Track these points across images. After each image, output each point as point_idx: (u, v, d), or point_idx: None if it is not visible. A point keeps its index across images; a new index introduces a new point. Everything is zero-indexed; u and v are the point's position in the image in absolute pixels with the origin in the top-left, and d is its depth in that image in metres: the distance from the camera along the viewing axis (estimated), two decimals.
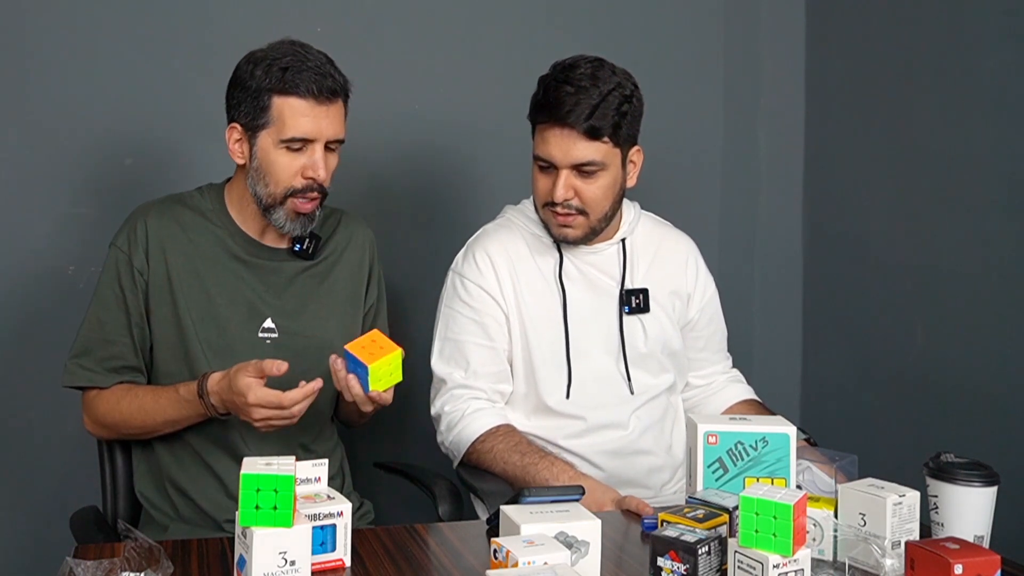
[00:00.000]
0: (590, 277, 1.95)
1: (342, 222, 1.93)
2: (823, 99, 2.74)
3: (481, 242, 1.96)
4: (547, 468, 1.76)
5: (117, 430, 1.80)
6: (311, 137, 1.72)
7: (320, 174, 1.73)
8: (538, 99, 1.86)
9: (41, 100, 2.28)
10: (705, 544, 1.29)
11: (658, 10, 2.70)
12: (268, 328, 1.80)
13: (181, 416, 1.72)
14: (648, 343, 1.95)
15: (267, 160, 1.73)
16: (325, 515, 1.35)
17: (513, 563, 1.22)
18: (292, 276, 1.83)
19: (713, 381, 2.07)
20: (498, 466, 1.80)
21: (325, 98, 1.71)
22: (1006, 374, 2.13)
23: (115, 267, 1.78)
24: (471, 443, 1.84)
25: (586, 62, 1.85)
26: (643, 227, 2.02)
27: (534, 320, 1.91)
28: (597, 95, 1.80)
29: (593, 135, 1.81)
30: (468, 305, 1.92)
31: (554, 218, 1.88)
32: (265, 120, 1.72)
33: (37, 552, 2.28)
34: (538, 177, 1.88)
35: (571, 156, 1.82)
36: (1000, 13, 2.15)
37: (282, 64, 1.70)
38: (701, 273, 2.06)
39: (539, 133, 1.86)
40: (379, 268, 1.98)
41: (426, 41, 2.51)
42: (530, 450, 1.80)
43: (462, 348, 1.91)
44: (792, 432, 1.52)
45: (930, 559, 1.24)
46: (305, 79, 1.69)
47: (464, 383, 1.90)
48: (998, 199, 2.16)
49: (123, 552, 1.34)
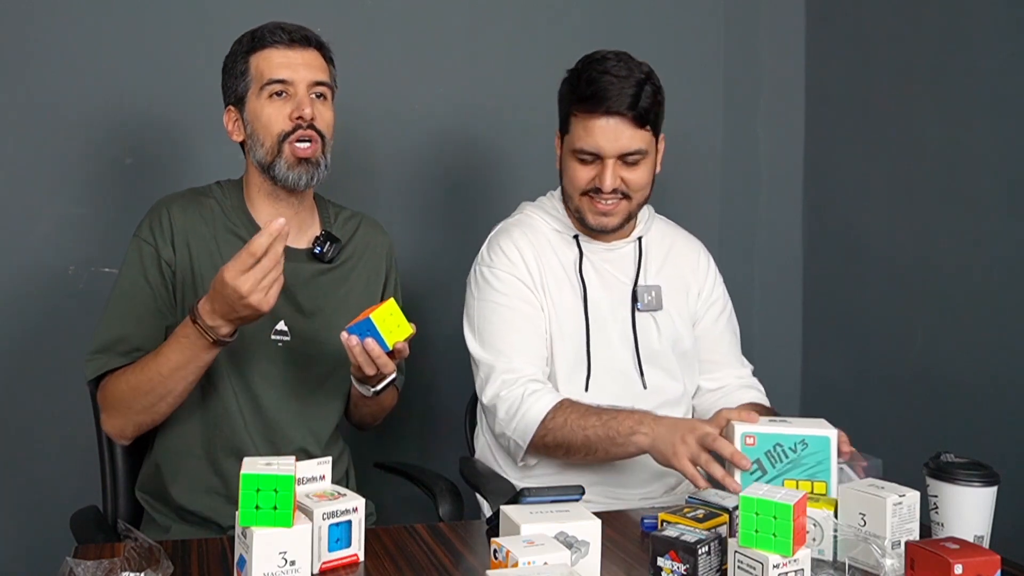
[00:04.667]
0: (605, 275, 1.96)
1: (361, 227, 1.92)
2: (823, 99, 2.74)
3: (505, 233, 1.97)
4: (628, 416, 1.73)
5: (131, 411, 1.69)
6: (288, 78, 1.72)
7: (306, 112, 1.71)
8: (579, 90, 1.84)
9: (41, 100, 2.28)
10: (705, 544, 1.29)
11: (658, 10, 2.70)
12: (280, 331, 1.78)
13: (184, 358, 1.62)
14: (661, 340, 1.95)
15: (255, 117, 1.74)
16: (341, 512, 1.36)
17: (513, 563, 1.22)
18: (308, 278, 1.81)
19: (726, 385, 2.03)
20: (578, 435, 1.76)
21: (296, 43, 1.74)
22: (1006, 374, 2.13)
23: (139, 259, 1.74)
24: (540, 423, 1.80)
25: (613, 54, 1.86)
26: (657, 227, 2.05)
27: (557, 311, 1.91)
28: (636, 83, 1.82)
29: (640, 123, 1.82)
30: (502, 293, 1.91)
31: (595, 206, 1.88)
32: (246, 82, 1.74)
33: (37, 552, 2.28)
34: (577, 168, 1.87)
35: (619, 145, 1.82)
36: (999, 13, 2.15)
37: (253, 31, 1.76)
38: (711, 273, 2.06)
39: (581, 124, 1.84)
40: (396, 275, 1.97)
41: (428, 40, 2.52)
42: (603, 410, 1.78)
43: (504, 335, 1.89)
44: (833, 435, 1.49)
45: (930, 559, 1.24)
46: (273, 31, 1.74)
47: (511, 367, 1.87)
48: (998, 199, 2.16)
49: (123, 552, 1.34)
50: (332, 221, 1.88)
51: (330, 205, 1.91)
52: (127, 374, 1.68)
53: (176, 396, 1.67)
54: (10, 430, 2.29)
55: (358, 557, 1.39)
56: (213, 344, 1.60)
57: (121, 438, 1.76)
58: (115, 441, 1.79)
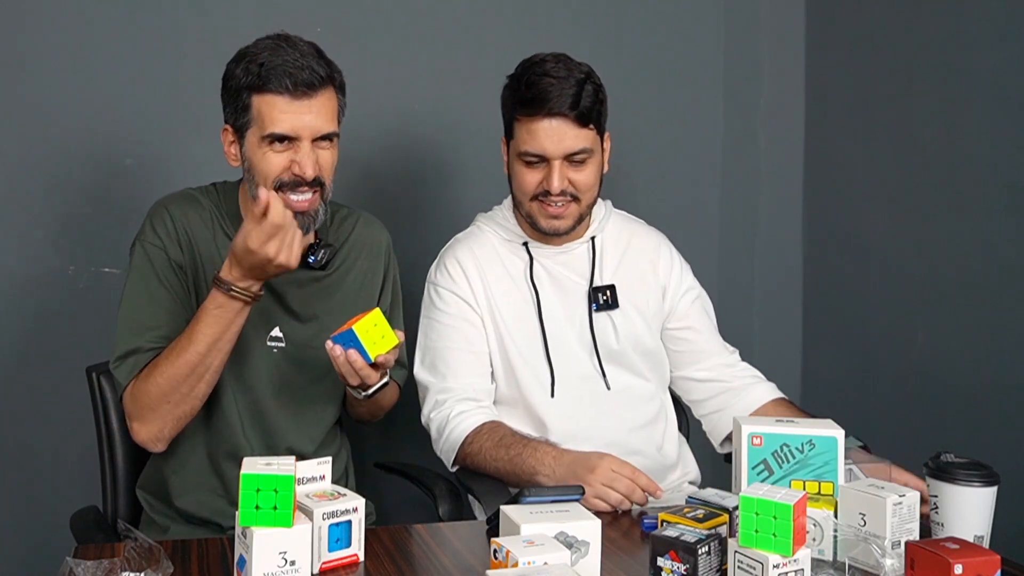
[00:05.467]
0: (559, 278, 1.96)
1: (358, 225, 1.90)
2: (823, 99, 2.74)
3: (451, 250, 1.99)
4: (531, 455, 1.74)
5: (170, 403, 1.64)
6: (291, 134, 1.65)
7: (307, 172, 1.65)
8: (520, 94, 1.85)
9: (41, 100, 2.28)
10: (705, 544, 1.29)
11: (658, 10, 2.70)
12: (276, 337, 1.78)
13: (221, 327, 1.61)
14: (620, 340, 1.95)
15: (253, 159, 1.68)
16: (341, 512, 1.36)
17: (513, 563, 1.22)
18: (303, 283, 1.80)
19: (722, 375, 2.00)
20: (489, 466, 1.79)
21: (302, 92, 1.64)
22: (1006, 374, 2.13)
23: (149, 262, 1.71)
24: (459, 446, 1.84)
25: (552, 56, 1.87)
26: (613, 225, 2.03)
27: (508, 323, 1.92)
28: (576, 83, 1.83)
29: (583, 122, 1.83)
30: (444, 312, 1.94)
31: (545, 210, 1.88)
32: (247, 119, 1.67)
33: (37, 552, 2.28)
34: (523, 172, 1.88)
35: (563, 146, 1.83)
36: (999, 13, 2.15)
37: (259, 60, 1.65)
38: (675, 263, 2.04)
39: (524, 128, 1.85)
40: (395, 272, 1.95)
41: (427, 41, 2.52)
42: (514, 441, 1.79)
43: (442, 354, 1.92)
44: (840, 435, 1.49)
45: (930, 559, 1.24)
46: (278, 74, 1.63)
47: (446, 387, 1.90)
48: (998, 199, 2.16)
49: (123, 552, 1.34)
50: (328, 222, 1.85)
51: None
52: (160, 366, 1.64)
53: (214, 373, 1.66)
54: (10, 430, 2.29)
55: (358, 557, 1.39)
56: (248, 303, 1.62)
57: (158, 442, 1.70)
58: (151, 449, 1.72)
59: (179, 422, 1.69)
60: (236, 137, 1.72)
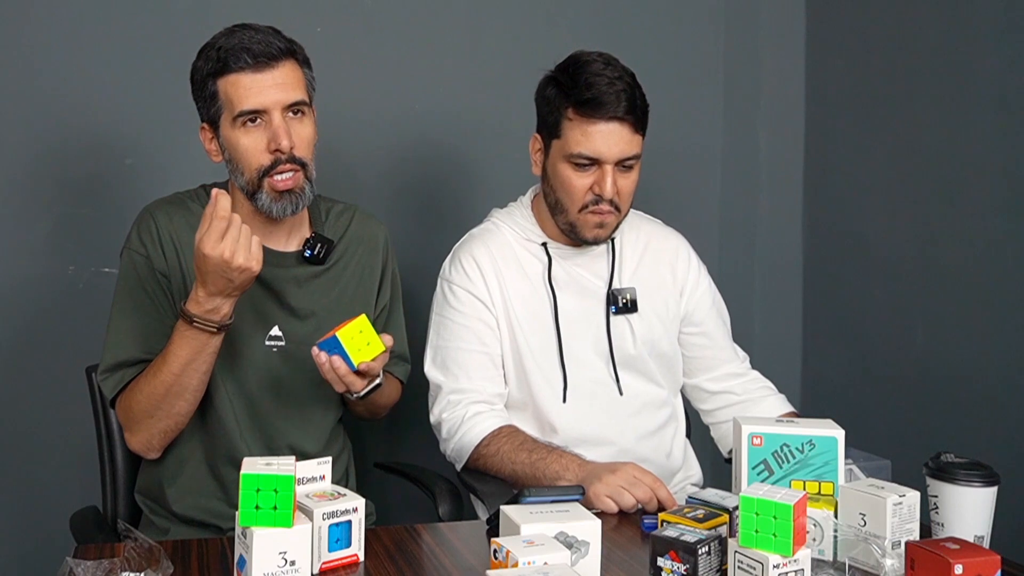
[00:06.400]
0: (578, 279, 1.93)
1: (355, 220, 1.89)
2: (823, 99, 2.74)
3: (467, 247, 1.95)
4: (556, 461, 1.73)
5: (153, 418, 1.67)
6: (261, 107, 1.65)
7: (283, 143, 1.64)
8: (576, 94, 1.79)
9: (41, 100, 2.28)
10: (705, 544, 1.29)
11: (658, 10, 2.70)
12: (275, 336, 1.77)
13: (192, 351, 1.61)
14: (637, 345, 1.93)
15: (232, 147, 1.68)
16: (341, 512, 1.36)
17: (513, 563, 1.22)
18: (301, 281, 1.79)
19: (733, 385, 1.99)
20: (507, 467, 1.77)
21: (263, 63, 1.64)
22: (1006, 374, 2.13)
23: (134, 271, 1.72)
24: (474, 448, 1.82)
25: (599, 55, 1.83)
26: (632, 226, 1.99)
27: (523, 325, 1.89)
28: (628, 87, 1.80)
29: (638, 127, 1.81)
30: (458, 311, 1.90)
31: (593, 218, 1.84)
32: (217, 107, 1.67)
33: (37, 552, 2.28)
34: (572, 176, 1.82)
35: (619, 150, 1.79)
36: (1000, 12, 2.15)
37: (217, 45, 1.67)
38: (693, 265, 2.02)
39: (579, 129, 1.80)
40: (394, 267, 1.93)
41: (426, 40, 2.51)
42: (537, 446, 1.77)
43: (455, 354, 1.89)
44: (840, 435, 1.49)
45: (930, 559, 1.24)
46: (236, 51, 1.64)
47: (459, 388, 1.87)
48: (998, 199, 2.16)
49: (123, 552, 1.34)
50: (324, 218, 1.85)
51: (321, 201, 1.86)
52: (140, 383, 1.67)
53: (193, 392, 1.66)
54: (10, 430, 2.29)
55: (358, 557, 1.39)
56: (217, 331, 1.61)
57: (149, 451, 1.73)
58: (145, 456, 1.75)
59: (166, 435, 1.71)
60: (213, 132, 1.72)
